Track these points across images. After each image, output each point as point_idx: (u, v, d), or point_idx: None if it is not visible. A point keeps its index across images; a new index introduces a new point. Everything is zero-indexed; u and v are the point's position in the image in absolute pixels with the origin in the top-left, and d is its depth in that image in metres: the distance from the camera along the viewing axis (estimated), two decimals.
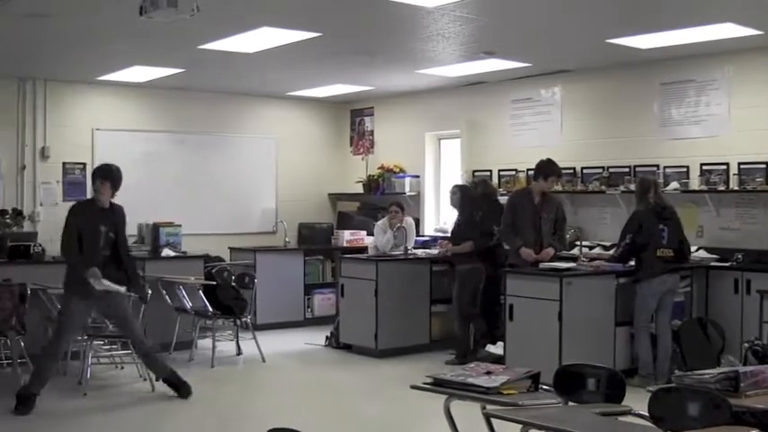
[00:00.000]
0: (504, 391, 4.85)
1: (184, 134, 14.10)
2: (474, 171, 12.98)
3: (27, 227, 12.05)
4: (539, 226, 10.08)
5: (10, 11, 8.56)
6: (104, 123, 13.47)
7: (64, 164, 13.22)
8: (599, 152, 11.62)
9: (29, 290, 9.50)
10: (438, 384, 5.08)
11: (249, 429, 7.81)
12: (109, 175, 9.02)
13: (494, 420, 4.98)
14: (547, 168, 10.13)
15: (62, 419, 8.23)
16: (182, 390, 8.91)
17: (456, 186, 11.18)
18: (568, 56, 11.16)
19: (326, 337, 11.80)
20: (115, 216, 9.02)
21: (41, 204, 13.05)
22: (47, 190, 13.11)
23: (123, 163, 13.27)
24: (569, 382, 5.24)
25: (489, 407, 4.94)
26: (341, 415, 8.43)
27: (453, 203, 11.05)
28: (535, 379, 5.07)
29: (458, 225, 10.89)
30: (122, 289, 8.56)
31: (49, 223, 12.84)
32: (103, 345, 10.27)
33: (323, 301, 13.61)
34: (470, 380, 4.96)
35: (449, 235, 11.42)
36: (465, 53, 10.69)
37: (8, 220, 10.65)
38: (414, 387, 5.15)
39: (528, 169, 11.56)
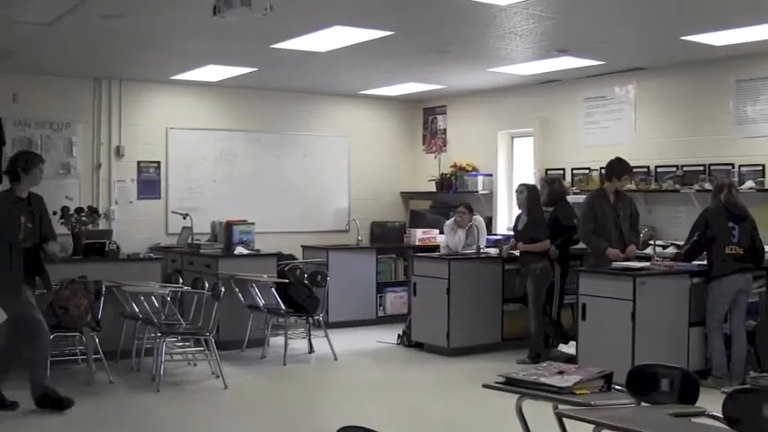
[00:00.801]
0: (577, 391, 4.81)
1: (257, 133, 14.18)
2: (547, 170, 12.88)
3: (102, 224, 12.20)
4: (618, 225, 9.99)
5: (86, 12, 8.67)
6: (178, 122, 13.60)
7: (138, 162, 13.38)
8: (673, 151, 11.46)
9: (104, 287, 9.63)
10: (510, 383, 5.05)
11: (320, 427, 7.81)
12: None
13: (566, 420, 4.94)
14: (619, 167, 10.06)
15: (136, 414, 8.33)
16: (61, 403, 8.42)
17: (522, 185, 11.09)
18: (642, 53, 11.03)
19: (398, 336, 11.79)
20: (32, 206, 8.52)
21: (116, 202, 13.21)
22: (121, 188, 13.26)
23: (197, 162, 13.61)
24: (642, 383, 5.18)
25: (561, 406, 4.91)
26: (412, 413, 8.42)
27: (520, 203, 10.96)
28: (608, 379, 5.01)
29: (526, 224, 10.78)
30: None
31: (123, 221, 13.05)
32: (176, 342, 10.38)
33: (395, 300, 13.61)
34: (543, 379, 4.92)
35: (512, 233, 11.34)
36: (538, 51, 10.62)
37: (84, 218, 10.77)
38: (486, 386, 5.12)
39: (600, 168, 11.46)
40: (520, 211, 11.09)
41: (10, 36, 10.13)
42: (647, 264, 9.53)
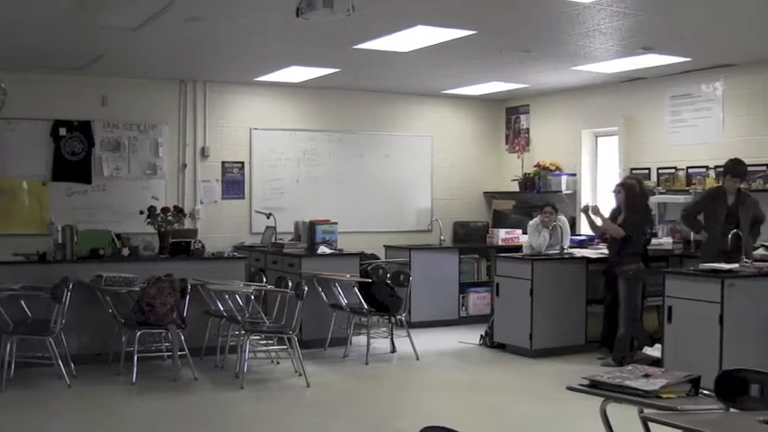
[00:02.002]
0: (663, 395, 4.75)
1: (340, 133, 14.24)
2: (632, 169, 12.73)
3: (188, 224, 12.36)
4: (726, 224, 9.88)
5: (171, 16, 8.79)
6: (262, 123, 13.72)
7: (223, 163, 13.52)
8: (762, 149, 11.26)
9: (189, 285, 9.75)
10: (594, 386, 5.00)
11: (402, 427, 7.82)
12: None
13: (651, 425, 4.88)
14: (734, 168, 9.98)
15: (219, 410, 8.40)
16: None
17: (619, 185, 10.96)
18: (730, 50, 10.83)
19: (481, 336, 11.76)
20: None
21: (201, 202, 13.38)
22: (206, 188, 13.42)
23: (280, 162, 13.73)
24: (731, 388, 5.08)
25: (647, 410, 4.84)
26: (494, 414, 8.38)
27: (618, 203, 10.81)
28: (695, 383, 4.94)
29: (621, 224, 10.60)
30: None
31: (208, 220, 13.22)
32: (260, 340, 10.46)
33: (477, 300, 13.57)
34: (628, 382, 4.87)
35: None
36: (622, 49, 10.50)
37: (170, 218, 10.92)
38: (569, 388, 5.08)
39: (687, 167, 11.33)
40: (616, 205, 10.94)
41: (98, 41, 10.32)
42: (736, 265, 9.36)
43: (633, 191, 10.68)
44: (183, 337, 9.52)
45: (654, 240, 11.21)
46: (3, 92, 11.03)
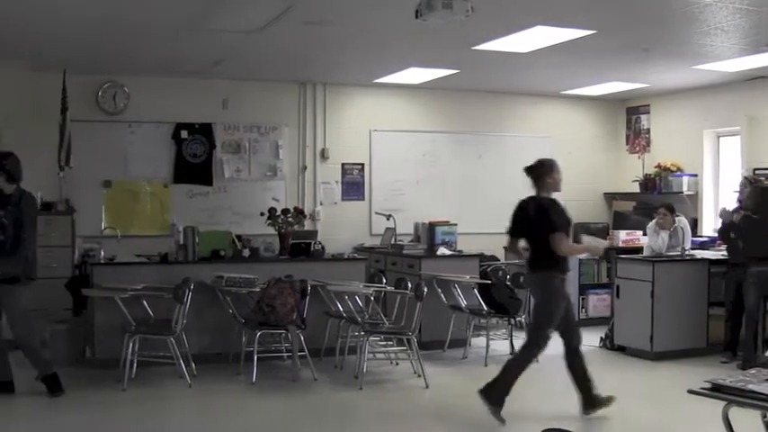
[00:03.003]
0: None
1: (459, 134, 14.25)
2: (755, 169, 12.46)
3: (308, 225, 12.49)
4: None
5: (292, 19, 8.90)
6: (381, 124, 13.80)
7: (342, 164, 13.65)
8: None
9: (309, 286, 9.83)
10: (716, 390, 4.91)
11: (521, 429, 7.81)
12: None
13: None
14: None
15: (338, 410, 8.47)
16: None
17: (746, 178, 10.75)
18: None
19: (601, 339, 11.63)
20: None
21: (321, 203, 13.52)
22: (326, 189, 13.56)
23: (399, 163, 13.75)
24: None
25: None
26: (614, 417, 8.27)
27: (742, 197, 10.58)
28: None
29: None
30: None
31: (328, 222, 13.34)
32: (379, 341, 10.50)
33: (597, 302, 13.44)
34: (751, 386, 4.77)
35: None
36: (745, 46, 10.28)
37: (290, 219, 11.03)
38: (691, 392, 5.00)
39: None
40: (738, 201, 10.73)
41: (220, 45, 10.50)
42: None
43: (763, 191, 10.41)
44: (302, 338, 9.61)
45: None
46: None
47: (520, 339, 10.84)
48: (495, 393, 7.92)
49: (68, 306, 11.04)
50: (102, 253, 10.77)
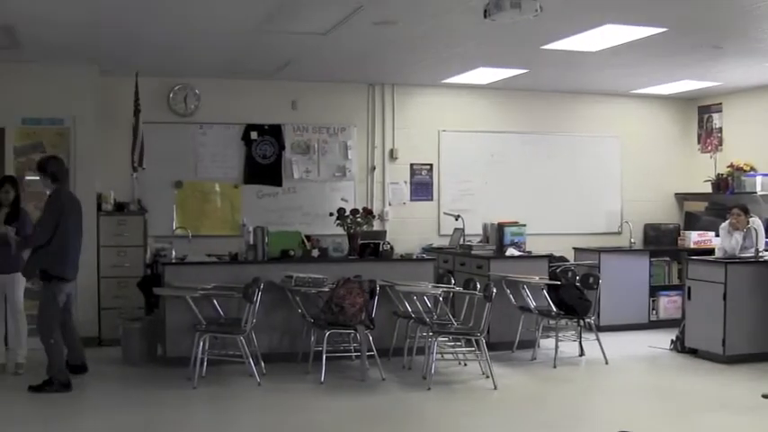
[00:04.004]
0: None
1: (528, 134, 14.17)
2: None
3: (376, 225, 12.52)
4: None
5: (360, 21, 8.92)
6: (449, 125, 13.79)
7: (411, 165, 13.65)
8: None
9: (378, 286, 9.85)
10: None
11: (588, 431, 7.76)
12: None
13: None
14: None
15: (406, 410, 8.49)
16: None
17: None
18: None
19: (671, 341, 11.50)
20: None
21: (390, 204, 13.52)
22: (395, 190, 13.57)
23: (468, 163, 13.74)
24: None
25: None
26: (685, 422, 8.17)
27: None
28: None
29: None
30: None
31: (397, 222, 13.35)
32: (447, 341, 10.49)
33: (668, 304, 13.31)
34: None
35: None
36: None
37: (359, 219, 11.06)
38: (765, 396, 4.93)
39: None
40: None
41: (289, 47, 10.56)
42: None
43: None
44: (371, 338, 9.64)
45: None
46: None
47: (588, 341, 10.82)
48: None
49: (141, 305, 11.22)
50: (174, 252, 10.93)
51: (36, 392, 8.84)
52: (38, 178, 9.55)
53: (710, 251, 12.54)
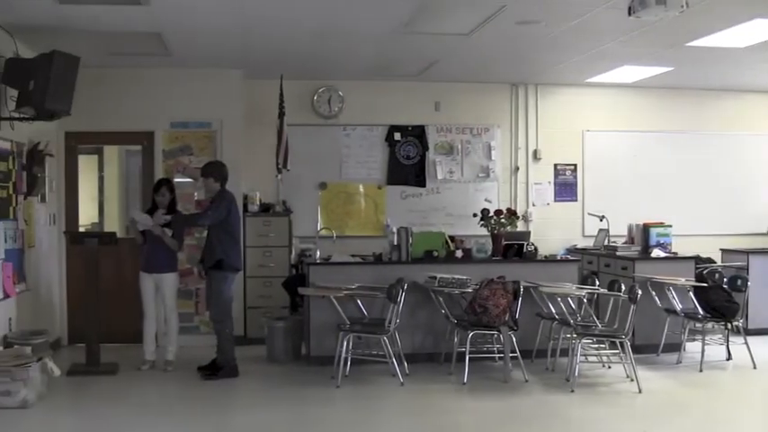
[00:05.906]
0: None
1: (673, 133, 13.94)
2: None
3: (520, 226, 12.49)
4: None
5: (503, 20, 8.93)
6: (593, 124, 13.67)
7: (555, 165, 13.58)
8: None
9: (522, 287, 9.84)
10: None
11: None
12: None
13: None
14: None
15: (549, 412, 8.46)
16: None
17: None
18: None
19: None
20: None
21: (533, 204, 13.48)
22: (539, 190, 13.53)
23: (612, 163, 13.60)
24: None
25: None
26: None
27: None
28: None
29: None
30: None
31: (540, 223, 13.30)
32: (591, 343, 10.40)
33: None
34: None
35: None
36: None
37: (503, 220, 11.06)
38: None
39: None
40: None
41: (432, 48, 10.63)
42: None
43: None
44: (514, 339, 9.63)
45: None
46: None
47: (736, 345, 10.58)
48: None
49: (285, 304, 11.42)
50: (318, 253, 11.10)
51: (208, 380, 9.48)
52: (185, 180, 9.96)
53: None
